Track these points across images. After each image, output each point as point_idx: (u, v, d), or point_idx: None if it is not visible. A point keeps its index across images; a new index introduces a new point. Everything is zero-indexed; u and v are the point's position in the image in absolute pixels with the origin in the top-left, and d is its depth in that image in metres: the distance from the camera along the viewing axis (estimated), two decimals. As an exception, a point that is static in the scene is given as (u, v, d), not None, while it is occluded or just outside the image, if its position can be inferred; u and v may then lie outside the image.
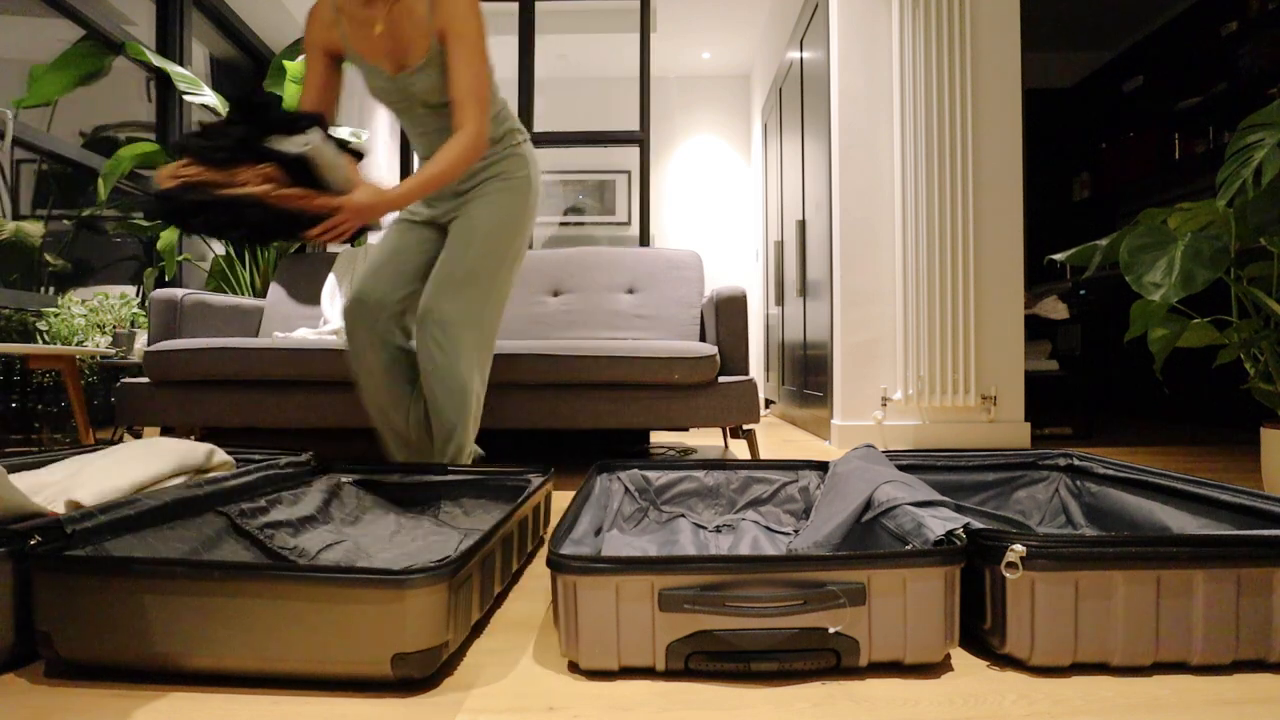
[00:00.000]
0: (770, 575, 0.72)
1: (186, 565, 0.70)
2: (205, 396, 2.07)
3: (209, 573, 0.70)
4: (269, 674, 0.71)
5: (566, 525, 0.90)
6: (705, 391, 2.06)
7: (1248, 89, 3.51)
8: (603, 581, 0.72)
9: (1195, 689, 0.71)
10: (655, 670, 0.73)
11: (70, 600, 0.71)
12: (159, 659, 0.70)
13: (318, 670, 0.70)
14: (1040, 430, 3.04)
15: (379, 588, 0.68)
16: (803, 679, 0.73)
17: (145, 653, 0.70)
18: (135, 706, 0.67)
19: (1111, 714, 0.66)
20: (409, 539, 1.20)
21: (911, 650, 0.73)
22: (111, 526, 0.82)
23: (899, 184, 2.74)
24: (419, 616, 0.69)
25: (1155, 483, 1.07)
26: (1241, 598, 0.73)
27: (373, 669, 0.69)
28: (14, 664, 0.76)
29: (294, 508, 1.11)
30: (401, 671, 0.69)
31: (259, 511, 1.05)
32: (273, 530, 1.04)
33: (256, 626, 0.69)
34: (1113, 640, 0.73)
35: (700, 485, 1.32)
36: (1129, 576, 0.73)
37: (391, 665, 0.69)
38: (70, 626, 0.71)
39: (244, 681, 0.72)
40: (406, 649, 0.69)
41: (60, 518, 0.78)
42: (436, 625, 0.70)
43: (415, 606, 0.69)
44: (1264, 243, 1.66)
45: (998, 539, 0.74)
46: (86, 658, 0.71)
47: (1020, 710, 0.67)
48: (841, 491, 1.09)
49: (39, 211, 2.82)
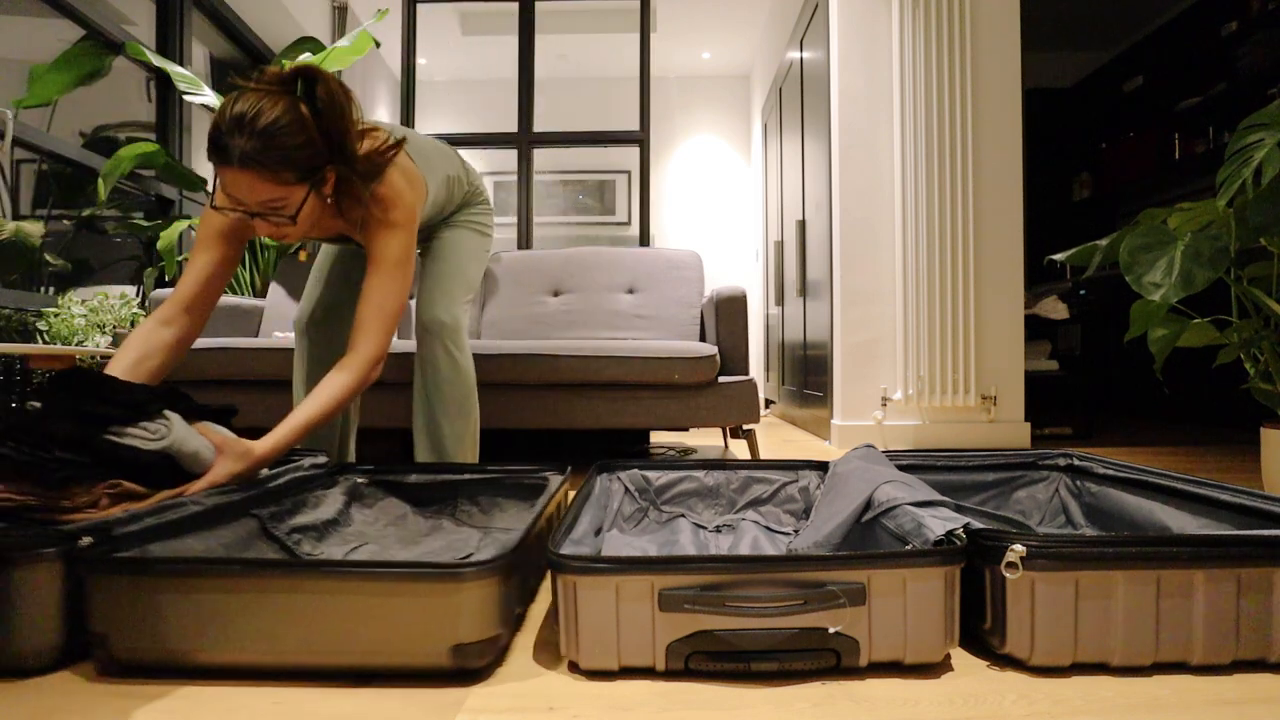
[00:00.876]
0: (770, 575, 0.72)
1: (246, 564, 0.71)
2: (205, 396, 2.07)
3: (269, 570, 0.71)
4: (327, 669, 0.72)
5: (567, 525, 0.90)
6: (705, 391, 2.06)
7: (1248, 89, 3.51)
8: (603, 581, 0.72)
9: (1195, 689, 0.71)
10: (655, 670, 0.73)
11: (128, 601, 0.71)
12: (217, 658, 0.71)
13: (375, 663, 0.71)
14: (1040, 430, 3.04)
15: (438, 580, 0.70)
16: (802, 679, 0.73)
17: (203, 652, 0.71)
18: (137, 706, 0.67)
19: (1112, 714, 0.66)
20: (430, 539, 1.20)
21: (912, 650, 0.73)
22: (157, 530, 0.83)
23: (899, 184, 2.74)
24: (476, 607, 0.71)
25: (1155, 483, 1.07)
26: (1241, 598, 0.73)
27: (432, 660, 0.71)
28: (62, 663, 0.76)
29: (317, 510, 1.12)
30: (460, 661, 0.71)
31: (286, 514, 1.05)
32: (299, 535, 1.05)
33: (316, 622, 0.70)
34: (1112, 640, 0.73)
35: (700, 485, 1.32)
36: (1129, 576, 0.72)
37: (450, 656, 0.70)
38: (127, 627, 0.71)
39: (300, 676, 0.73)
40: (464, 639, 0.70)
41: (109, 520, 0.78)
42: (492, 616, 0.72)
43: (472, 598, 0.70)
44: (1264, 243, 1.66)
45: (998, 539, 0.74)
46: (143, 658, 0.72)
47: (1020, 710, 0.67)
48: (841, 491, 1.09)
49: (39, 211, 2.82)
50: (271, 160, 1.04)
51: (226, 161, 1.04)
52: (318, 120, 1.10)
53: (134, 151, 2.49)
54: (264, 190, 1.07)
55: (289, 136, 1.05)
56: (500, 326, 2.57)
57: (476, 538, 1.21)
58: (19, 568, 0.71)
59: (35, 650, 0.73)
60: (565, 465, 1.32)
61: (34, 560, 0.72)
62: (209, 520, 0.91)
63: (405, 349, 1.96)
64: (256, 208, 1.09)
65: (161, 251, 2.68)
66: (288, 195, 1.09)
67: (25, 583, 0.71)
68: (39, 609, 0.72)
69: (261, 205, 1.09)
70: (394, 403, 2.02)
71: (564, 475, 1.26)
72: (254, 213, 1.10)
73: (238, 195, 1.07)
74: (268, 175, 1.05)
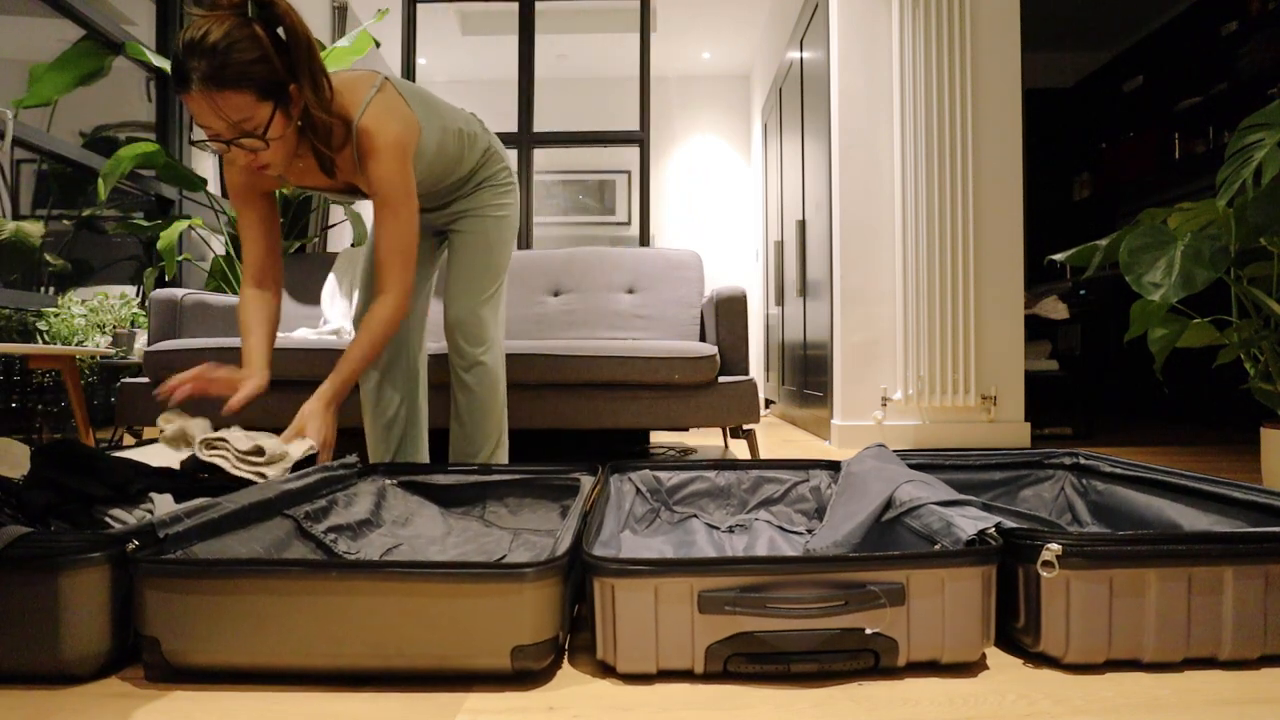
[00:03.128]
0: (811, 576, 0.71)
1: (304, 565, 0.70)
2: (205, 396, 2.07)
3: (327, 572, 0.70)
4: (385, 671, 0.71)
5: (595, 527, 0.89)
6: (705, 391, 2.06)
7: (1248, 89, 3.51)
8: (641, 584, 0.71)
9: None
10: (694, 673, 0.73)
11: (182, 604, 0.70)
12: (270, 661, 0.71)
13: (435, 666, 0.70)
14: (1040, 430, 3.04)
15: (499, 581, 0.69)
16: (841, 679, 0.73)
17: (259, 655, 0.70)
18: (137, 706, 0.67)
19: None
20: (460, 540, 1.20)
21: (950, 650, 0.73)
22: (199, 530, 0.82)
23: (899, 184, 2.74)
24: (536, 609, 0.70)
25: (1165, 481, 1.07)
26: (1269, 593, 0.74)
27: (492, 662, 0.70)
28: (111, 668, 0.75)
29: (349, 510, 1.11)
30: (521, 664, 0.70)
31: (320, 514, 1.05)
32: (335, 535, 1.04)
33: (374, 624, 0.69)
34: (1145, 637, 0.73)
35: (712, 485, 1.31)
36: (1162, 574, 0.73)
37: (511, 658, 0.69)
38: (181, 630, 0.70)
39: (358, 680, 0.72)
40: (524, 641, 0.69)
41: (153, 522, 0.77)
42: (552, 617, 0.72)
43: (533, 599, 0.70)
44: (1264, 243, 1.66)
45: (1033, 538, 0.74)
46: (196, 662, 0.71)
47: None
48: (859, 491, 1.08)
49: (39, 211, 2.82)
50: (229, 78, 1.06)
51: (186, 88, 1.06)
52: (273, 40, 1.12)
53: (134, 151, 2.49)
54: (230, 110, 1.08)
55: (241, 52, 1.07)
56: (500, 326, 2.58)
57: (508, 539, 1.20)
58: (66, 572, 0.70)
59: (83, 656, 0.71)
60: (595, 466, 1.31)
61: (82, 565, 0.70)
62: (244, 519, 0.90)
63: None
64: (228, 134, 1.11)
65: (161, 251, 2.68)
66: (253, 114, 1.10)
67: (73, 588, 0.70)
68: (88, 614, 0.71)
69: (231, 129, 1.10)
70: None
71: (595, 476, 1.25)
72: (228, 140, 1.12)
73: (206, 123, 1.10)
74: (228, 94, 1.07)
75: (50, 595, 0.69)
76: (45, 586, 0.69)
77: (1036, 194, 4.89)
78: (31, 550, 0.70)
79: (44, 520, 0.87)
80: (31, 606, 0.70)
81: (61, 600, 0.70)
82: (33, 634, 0.70)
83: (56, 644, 0.70)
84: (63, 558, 0.70)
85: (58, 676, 0.72)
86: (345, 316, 2.51)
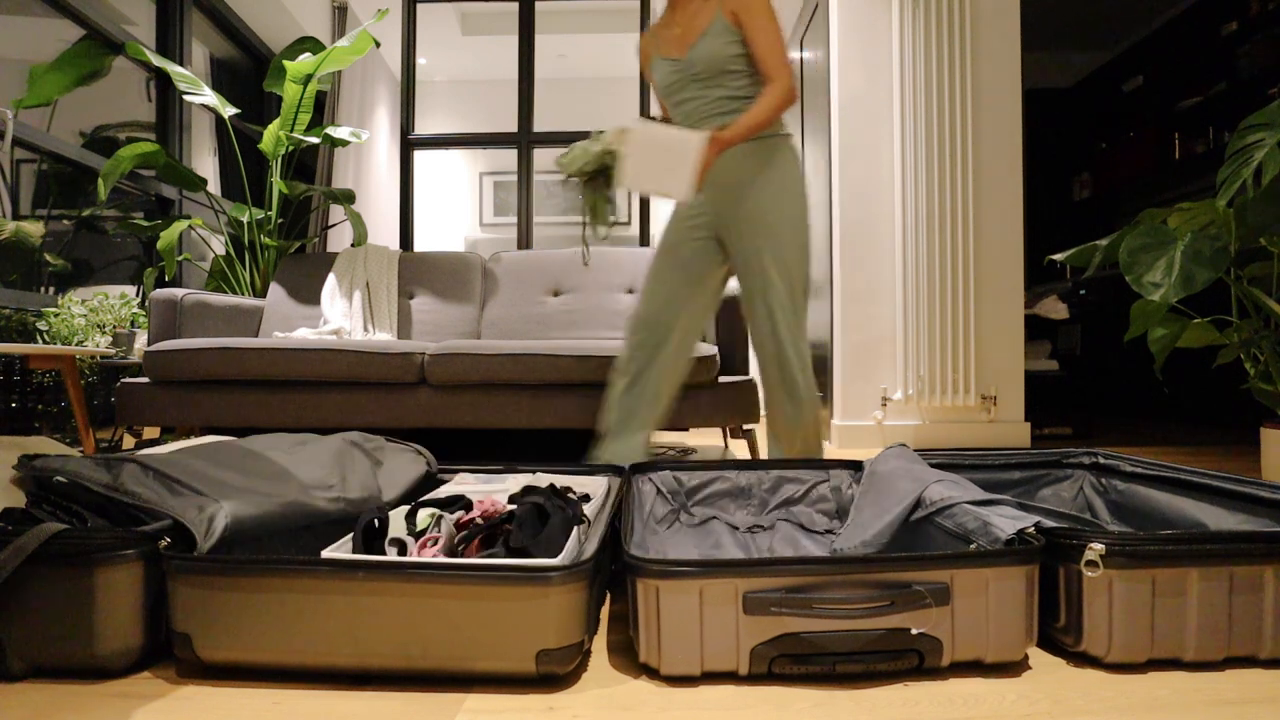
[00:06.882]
0: (856, 576, 0.71)
1: (333, 564, 0.70)
2: (205, 396, 2.07)
3: (354, 572, 0.70)
4: (411, 672, 0.71)
5: (630, 529, 0.89)
6: (705, 391, 2.06)
7: (1248, 89, 3.51)
8: (686, 585, 0.71)
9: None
10: (738, 675, 0.72)
11: (214, 601, 0.70)
12: (301, 659, 0.71)
13: (460, 667, 0.70)
14: (1040, 430, 3.04)
15: (525, 583, 0.68)
16: (884, 680, 0.73)
17: (287, 653, 0.71)
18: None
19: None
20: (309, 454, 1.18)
21: (993, 649, 0.73)
22: None
23: (899, 184, 2.74)
24: (561, 613, 0.70)
25: (1188, 480, 1.06)
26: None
27: (517, 665, 0.70)
28: (144, 664, 0.76)
29: None
30: (546, 667, 0.70)
31: None
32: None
33: (400, 624, 0.69)
34: (1187, 636, 0.73)
35: (733, 485, 1.30)
36: (1203, 573, 0.73)
37: (536, 661, 0.69)
38: (213, 628, 0.71)
39: (385, 680, 0.72)
40: (550, 645, 0.69)
41: (189, 521, 0.77)
42: (577, 621, 0.71)
43: (558, 603, 0.69)
44: (1264, 243, 1.66)
45: (1075, 537, 0.74)
46: (228, 659, 0.71)
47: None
48: (885, 490, 1.08)
49: (39, 211, 2.82)
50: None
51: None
52: None
53: (134, 151, 2.49)
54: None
55: None
56: (500, 326, 2.57)
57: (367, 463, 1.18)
58: (101, 568, 0.70)
59: (116, 651, 0.72)
60: (621, 468, 1.30)
61: (116, 561, 0.71)
62: None
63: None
64: None
65: (161, 251, 2.68)
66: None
67: (107, 584, 0.70)
68: (121, 610, 0.71)
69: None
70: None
71: (621, 476, 1.25)
72: None
73: None
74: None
75: (85, 591, 0.70)
76: (80, 583, 0.70)
77: (1036, 194, 4.89)
78: (66, 547, 0.70)
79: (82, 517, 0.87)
80: (66, 602, 0.70)
81: (96, 596, 0.70)
82: (67, 629, 0.71)
83: (91, 639, 0.71)
84: (97, 554, 0.70)
85: (92, 671, 0.72)
86: (345, 316, 2.51)
